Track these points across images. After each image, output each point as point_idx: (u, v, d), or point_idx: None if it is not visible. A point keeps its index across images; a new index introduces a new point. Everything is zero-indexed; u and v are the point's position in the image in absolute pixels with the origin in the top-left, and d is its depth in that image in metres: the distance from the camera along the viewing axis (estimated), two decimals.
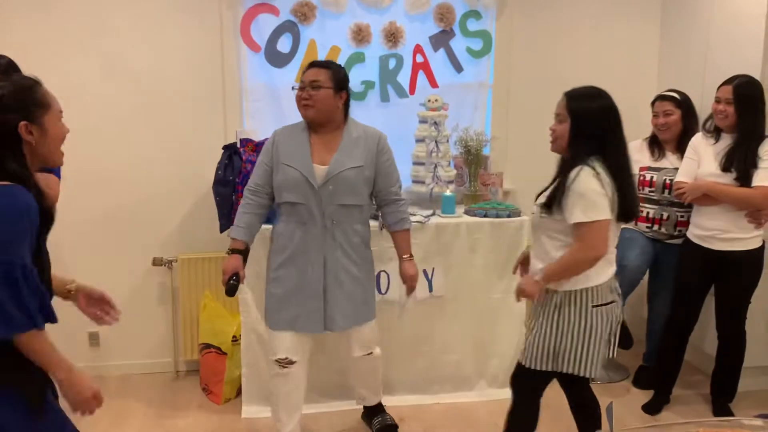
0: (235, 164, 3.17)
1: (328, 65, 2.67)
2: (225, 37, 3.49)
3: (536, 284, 2.24)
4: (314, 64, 2.68)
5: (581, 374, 2.24)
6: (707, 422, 1.08)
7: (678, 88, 3.34)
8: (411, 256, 2.81)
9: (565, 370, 2.25)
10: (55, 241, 3.41)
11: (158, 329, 3.65)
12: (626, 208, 2.17)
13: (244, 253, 2.65)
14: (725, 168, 2.86)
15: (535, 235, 2.34)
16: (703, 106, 3.28)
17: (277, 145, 2.66)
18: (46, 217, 1.66)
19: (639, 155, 3.33)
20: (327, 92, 2.58)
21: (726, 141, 2.91)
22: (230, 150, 3.22)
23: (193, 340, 3.55)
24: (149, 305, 3.63)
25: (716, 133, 2.97)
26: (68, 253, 3.48)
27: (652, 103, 3.35)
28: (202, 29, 3.47)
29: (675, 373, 3.21)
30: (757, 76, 3.07)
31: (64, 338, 3.47)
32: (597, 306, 2.20)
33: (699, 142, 3.04)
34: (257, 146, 3.20)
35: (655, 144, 3.32)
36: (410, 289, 2.82)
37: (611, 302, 2.24)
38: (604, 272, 2.21)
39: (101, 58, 3.41)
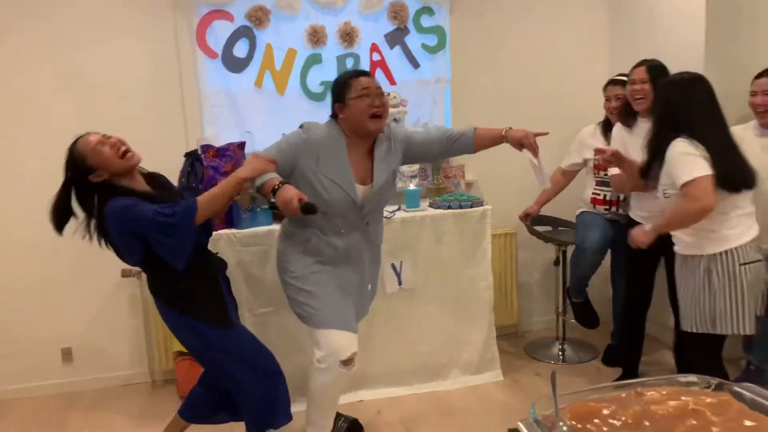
0: (198, 171, 3.18)
1: (369, 73, 2.63)
2: (181, 45, 3.50)
3: (647, 234, 2.46)
4: (365, 73, 2.58)
5: (739, 333, 2.40)
6: (647, 382, 1.14)
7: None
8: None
9: (722, 332, 2.40)
10: (20, 254, 3.40)
11: (131, 341, 3.65)
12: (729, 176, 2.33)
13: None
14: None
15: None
16: None
17: (317, 150, 2.49)
18: None
19: (593, 140, 3.42)
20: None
21: (643, 127, 2.86)
22: (192, 157, 3.23)
23: (168, 349, 3.55)
24: (120, 317, 3.62)
25: (632, 119, 3.05)
26: (36, 265, 3.47)
27: (604, 88, 3.44)
28: (157, 38, 3.47)
29: (639, 349, 3.30)
30: (700, 58, 3.19)
31: (36, 355, 3.51)
32: (744, 264, 2.36)
33: (619, 131, 3.14)
34: (218, 152, 3.22)
35: (608, 128, 3.41)
36: (530, 147, 2.58)
37: (758, 260, 2.40)
38: (747, 232, 2.39)
39: (54, 69, 3.39)
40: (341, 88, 2.51)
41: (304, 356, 3.22)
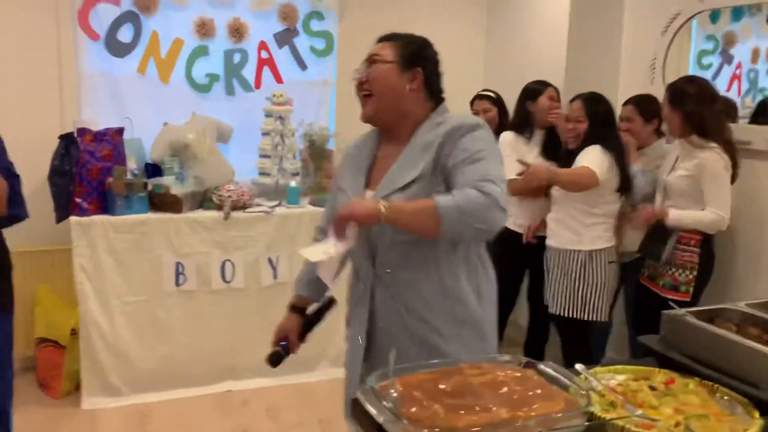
0: (73, 154, 3.12)
1: (396, 36, 1.87)
2: (61, 23, 3.40)
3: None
4: (382, 38, 1.89)
5: (602, 319, 2.90)
6: (471, 359, 1.33)
7: (500, 87, 3.69)
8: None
9: (591, 318, 2.88)
10: None
11: None
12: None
13: (303, 310, 1.93)
14: (549, 157, 3.16)
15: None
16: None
17: (345, 158, 1.92)
18: None
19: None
20: (387, 69, 1.74)
21: (539, 136, 3.23)
22: (67, 140, 3.16)
23: (28, 335, 3.42)
24: None
25: (528, 130, 3.27)
26: None
27: (471, 102, 3.66)
28: (35, 14, 3.36)
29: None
30: (561, 74, 3.52)
31: None
32: (610, 263, 2.87)
33: (512, 140, 3.28)
34: (96, 136, 3.17)
35: None
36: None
37: (615, 261, 2.91)
38: (612, 237, 2.90)
39: None
40: None
41: (169, 346, 3.25)
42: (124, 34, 3.49)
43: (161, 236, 3.19)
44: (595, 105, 2.89)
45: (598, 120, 2.86)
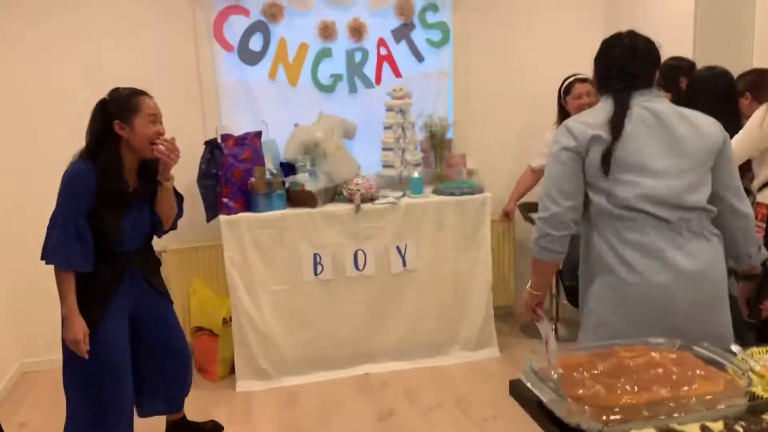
0: (217, 158, 3.40)
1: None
2: (199, 38, 3.70)
3: None
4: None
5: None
6: (623, 343, 1.38)
7: None
8: None
9: None
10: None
11: None
12: None
13: None
14: None
15: None
16: None
17: None
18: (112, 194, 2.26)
19: None
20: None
21: None
22: (212, 145, 3.44)
23: (185, 324, 3.78)
24: None
25: None
26: None
27: (569, 87, 3.55)
28: (176, 31, 3.68)
29: None
30: (688, 54, 3.39)
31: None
32: None
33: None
34: (237, 140, 3.44)
35: None
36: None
37: None
38: None
39: (80, 63, 3.60)
40: None
41: (312, 331, 3.48)
42: (255, 43, 3.73)
43: (299, 230, 3.41)
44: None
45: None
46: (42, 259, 2.23)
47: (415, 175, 3.71)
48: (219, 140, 3.45)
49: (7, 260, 3.66)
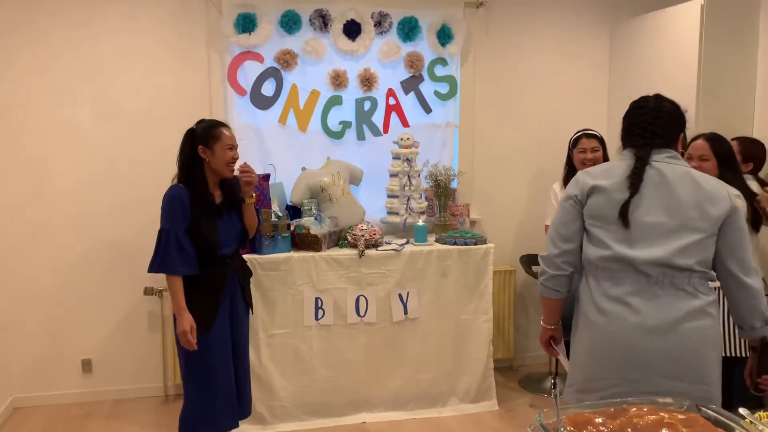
0: None
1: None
2: (213, 82, 3.79)
3: None
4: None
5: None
6: (631, 401, 1.38)
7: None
8: None
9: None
10: (56, 266, 3.66)
11: (148, 355, 3.85)
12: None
13: None
14: None
15: None
16: None
17: None
18: (204, 207, 2.65)
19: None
20: None
21: None
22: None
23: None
24: (140, 332, 3.83)
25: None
26: (65, 280, 3.70)
27: (576, 141, 3.59)
28: (191, 74, 3.76)
29: None
30: (690, 109, 3.46)
31: (58, 365, 3.70)
32: None
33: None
34: None
35: None
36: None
37: None
38: None
39: (94, 102, 3.67)
40: None
41: (310, 376, 3.45)
42: (267, 89, 3.81)
43: (302, 273, 3.42)
44: (718, 144, 2.80)
45: (724, 160, 2.78)
46: (149, 271, 2.60)
47: (419, 223, 3.74)
48: None
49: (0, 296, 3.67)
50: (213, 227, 2.66)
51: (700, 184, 1.87)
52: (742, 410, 1.40)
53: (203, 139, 2.67)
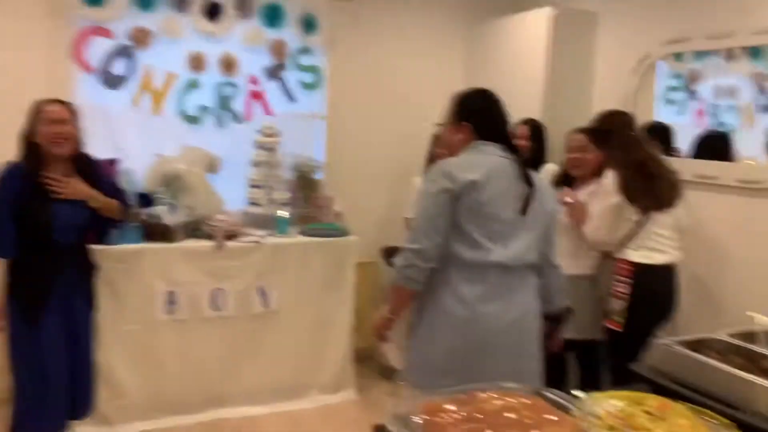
0: None
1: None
2: (55, 56, 3.45)
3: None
4: None
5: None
6: (481, 387, 1.44)
7: None
8: None
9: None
10: None
11: None
12: None
13: None
14: None
15: None
16: None
17: None
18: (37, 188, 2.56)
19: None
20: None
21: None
22: None
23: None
24: None
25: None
26: None
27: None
28: (29, 45, 3.41)
29: None
30: (537, 106, 3.68)
31: None
32: None
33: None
34: None
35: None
36: None
37: None
38: None
39: None
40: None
41: (162, 373, 3.29)
42: (118, 68, 3.55)
43: (154, 265, 3.23)
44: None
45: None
46: None
47: (282, 214, 3.67)
48: None
49: None
50: (47, 210, 2.57)
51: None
52: (576, 392, 1.49)
53: (29, 116, 2.64)
